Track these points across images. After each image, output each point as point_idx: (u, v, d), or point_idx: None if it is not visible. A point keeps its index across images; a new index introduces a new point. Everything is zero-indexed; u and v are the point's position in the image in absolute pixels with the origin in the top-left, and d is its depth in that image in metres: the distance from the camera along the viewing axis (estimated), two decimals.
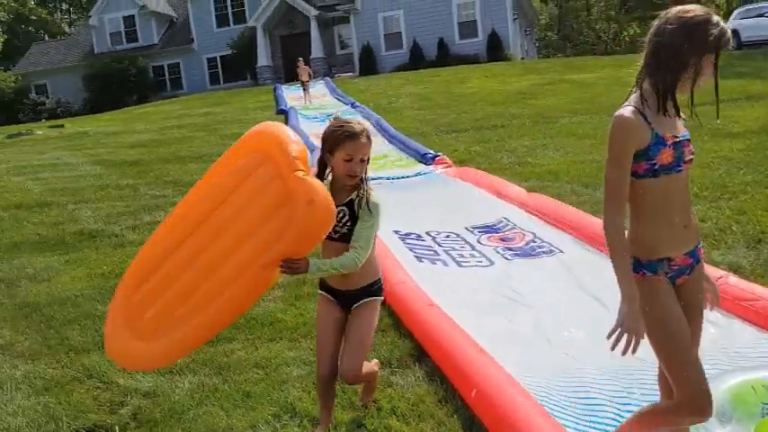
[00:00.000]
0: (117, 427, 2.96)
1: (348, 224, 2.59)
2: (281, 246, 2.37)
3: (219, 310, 2.46)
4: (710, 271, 3.90)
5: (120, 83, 29.76)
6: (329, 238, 2.55)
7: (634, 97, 2.06)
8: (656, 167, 1.99)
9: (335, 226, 2.52)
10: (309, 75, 17.61)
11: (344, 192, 2.63)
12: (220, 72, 31.63)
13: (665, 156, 2.01)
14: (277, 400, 3.07)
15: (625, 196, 2.02)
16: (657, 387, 2.94)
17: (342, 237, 2.59)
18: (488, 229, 5.76)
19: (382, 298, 2.83)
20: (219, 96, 22.81)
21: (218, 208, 2.53)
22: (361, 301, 2.71)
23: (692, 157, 2.10)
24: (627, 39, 45.09)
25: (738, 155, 7.46)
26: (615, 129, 2.00)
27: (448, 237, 5.62)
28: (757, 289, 3.64)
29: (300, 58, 17.86)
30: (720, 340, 3.36)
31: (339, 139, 2.64)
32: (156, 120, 17.49)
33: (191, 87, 31.08)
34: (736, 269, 4.20)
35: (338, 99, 17.34)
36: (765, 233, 4.88)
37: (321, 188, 2.42)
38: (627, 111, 2.01)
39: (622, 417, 2.76)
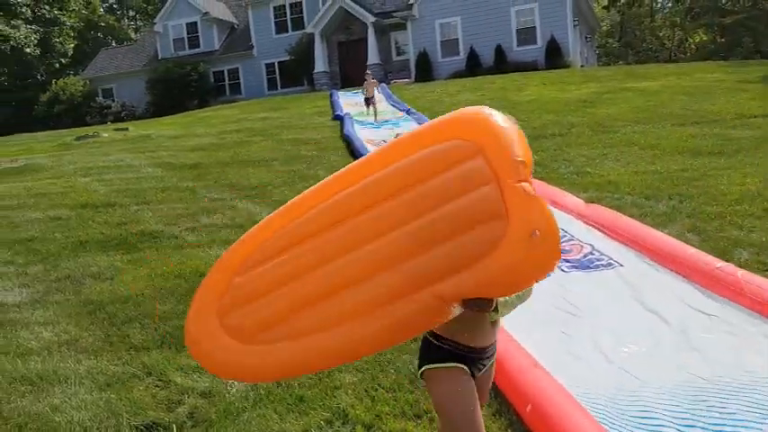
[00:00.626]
0: (174, 426, 3.03)
1: None
2: (472, 277, 1.74)
3: (359, 335, 1.80)
4: None
5: (181, 87, 30.64)
6: None
7: None
8: None
9: None
10: (377, 88, 15.06)
11: None
12: (278, 77, 32.19)
13: None
14: (330, 406, 3.09)
15: None
16: (722, 405, 2.83)
17: None
18: None
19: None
20: (277, 101, 23.20)
21: (396, 194, 1.85)
22: (492, 359, 2.15)
23: None
24: (693, 46, 43.71)
25: None
26: None
27: None
28: None
29: (369, 71, 15.77)
30: None
31: None
32: (215, 124, 17.92)
33: (249, 92, 31.74)
34: None
35: (394, 105, 17.38)
36: None
37: (550, 215, 1.81)
38: None
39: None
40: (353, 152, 10.89)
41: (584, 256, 5.10)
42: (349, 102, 19.22)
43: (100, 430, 3.05)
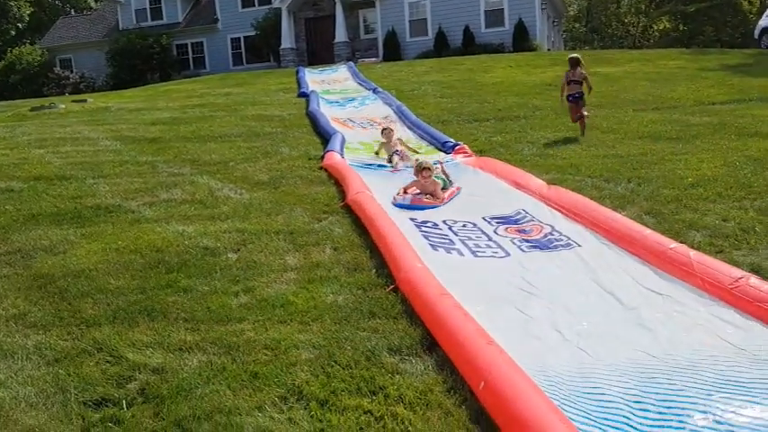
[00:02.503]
0: (124, 402, 2.96)
1: None
2: None
3: None
4: (732, 271, 3.83)
5: (143, 60, 29.86)
6: None
7: None
8: None
9: None
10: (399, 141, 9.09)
11: None
12: (243, 53, 31.60)
13: None
14: (285, 383, 3.06)
15: None
16: (670, 382, 2.90)
17: None
18: (506, 220, 5.69)
19: None
20: (242, 77, 22.79)
21: None
22: None
23: None
24: (656, 33, 44.33)
25: (765, 155, 7.29)
26: None
27: (464, 226, 5.56)
28: None
29: (392, 122, 10.58)
30: (740, 342, 3.29)
31: None
32: (177, 98, 17.52)
33: (213, 67, 31.11)
34: (757, 270, 4.10)
35: (360, 84, 17.24)
36: None
37: None
38: None
39: (635, 415, 2.70)
40: (318, 130, 10.78)
41: (544, 237, 5.14)
42: (315, 79, 19.00)
43: (46, 406, 2.97)
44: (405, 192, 6.50)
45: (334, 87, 17.18)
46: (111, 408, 2.93)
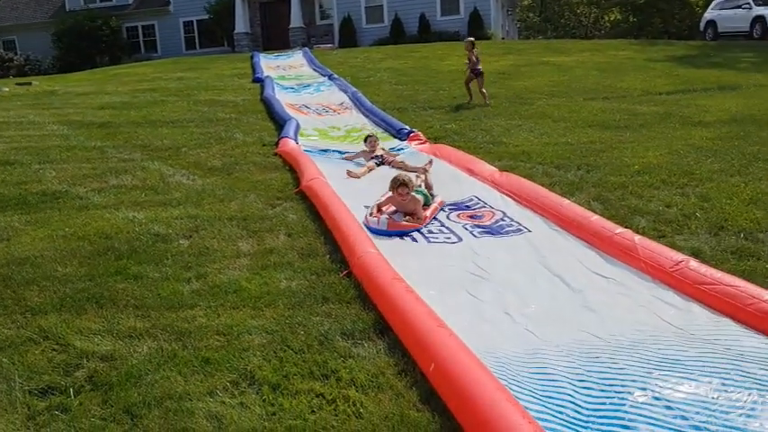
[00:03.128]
0: (71, 390, 2.91)
1: None
2: None
3: None
4: (673, 255, 3.99)
5: (91, 42, 28.92)
6: None
7: None
8: None
9: None
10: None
11: None
12: (196, 37, 30.92)
13: None
14: (237, 368, 3.05)
15: None
16: (613, 361, 3.01)
17: None
18: (459, 206, 5.76)
19: None
20: (194, 62, 22.33)
21: None
22: None
23: None
24: (607, 24, 45.21)
25: (707, 143, 7.57)
26: None
27: None
28: (716, 274, 3.71)
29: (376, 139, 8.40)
30: (679, 323, 3.43)
31: None
32: (127, 82, 17.06)
33: (165, 51, 30.36)
34: (697, 254, 4.28)
35: (316, 70, 17.10)
36: (728, 220, 4.97)
37: None
38: None
39: (578, 393, 2.80)
40: (273, 116, 10.67)
41: (495, 222, 5.24)
42: (270, 65, 18.76)
43: None
44: (379, 210, 5.32)
45: (289, 73, 16.99)
46: (58, 396, 2.88)
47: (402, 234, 4.99)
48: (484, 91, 11.27)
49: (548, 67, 15.83)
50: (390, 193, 5.39)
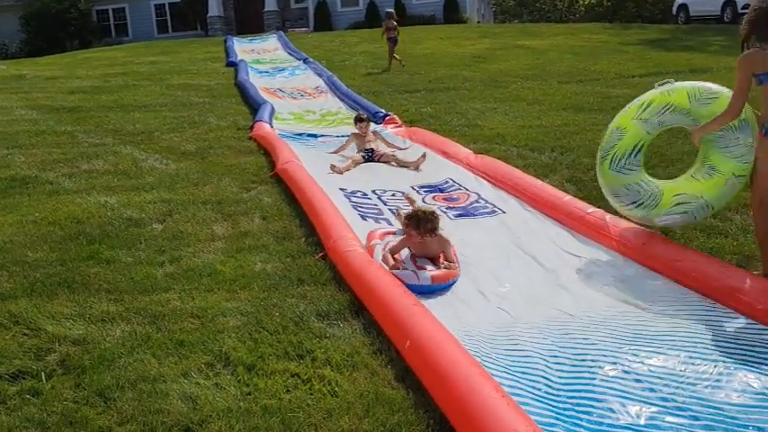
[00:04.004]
0: (43, 374, 2.88)
1: None
2: None
3: None
4: (642, 233, 4.03)
5: (60, 25, 28.25)
6: None
7: None
8: None
9: None
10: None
11: None
12: (169, 20, 30.40)
13: None
14: (211, 350, 3.04)
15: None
16: (584, 337, 3.08)
17: None
18: (434, 188, 5.78)
19: None
20: (167, 45, 21.98)
21: None
22: None
23: None
24: (582, 8, 45.36)
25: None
26: None
27: (393, 195, 5.62)
28: (684, 251, 3.79)
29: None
30: (648, 298, 3.49)
31: None
32: (98, 66, 16.74)
33: (137, 35, 29.79)
34: (666, 232, 4.34)
35: (291, 54, 16.94)
36: None
37: None
38: None
39: (550, 368, 2.84)
40: (247, 100, 10.57)
41: (470, 204, 5.26)
42: (244, 48, 18.55)
43: None
44: (393, 256, 3.99)
45: (263, 57, 16.83)
46: (29, 380, 2.84)
47: (447, 287, 3.78)
48: (396, 56, 13.66)
49: (522, 51, 15.89)
50: (403, 233, 4.14)
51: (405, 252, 4.07)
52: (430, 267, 3.91)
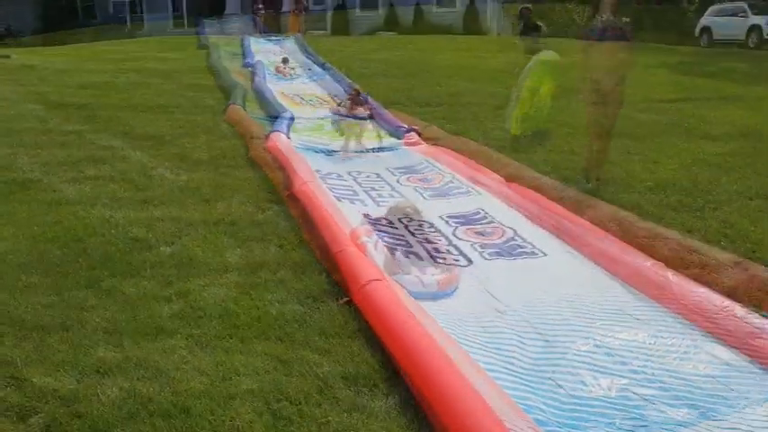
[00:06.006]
0: None
1: None
2: None
3: None
4: (715, 299, 3.58)
5: (75, 14, 28.02)
6: None
7: None
8: None
9: None
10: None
11: None
12: (185, 16, 30.10)
13: None
14: (223, 422, 2.60)
15: None
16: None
17: None
18: (464, 219, 5.35)
19: None
20: (180, 41, 21.61)
21: None
22: None
23: None
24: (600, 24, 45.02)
25: (718, 159, 7.23)
26: None
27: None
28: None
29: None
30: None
31: None
32: (112, 60, 16.33)
33: (152, 29, 29.50)
34: (732, 294, 3.90)
35: (309, 58, 16.52)
36: (756, 252, 4.60)
37: None
38: None
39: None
40: (264, 106, 10.14)
41: (506, 242, 4.82)
42: (261, 49, 18.14)
43: None
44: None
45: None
46: None
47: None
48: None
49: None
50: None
51: (400, 255, 4.27)
52: (430, 270, 4.03)
